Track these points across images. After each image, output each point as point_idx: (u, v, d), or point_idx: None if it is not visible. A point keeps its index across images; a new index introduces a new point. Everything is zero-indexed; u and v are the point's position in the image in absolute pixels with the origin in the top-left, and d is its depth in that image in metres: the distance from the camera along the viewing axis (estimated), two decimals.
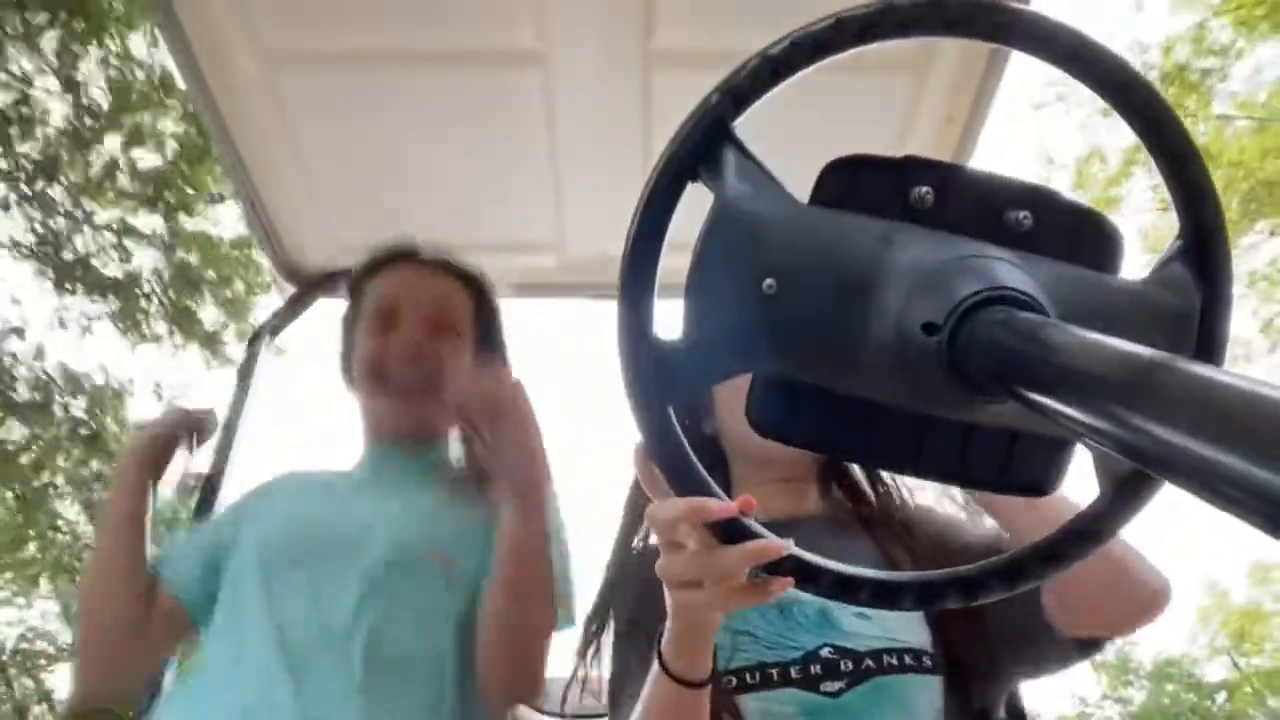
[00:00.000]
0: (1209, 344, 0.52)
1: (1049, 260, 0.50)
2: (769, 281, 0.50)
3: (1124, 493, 0.54)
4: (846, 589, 0.57)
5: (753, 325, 0.50)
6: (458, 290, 1.35)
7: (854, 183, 0.51)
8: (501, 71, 1.52)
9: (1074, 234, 0.51)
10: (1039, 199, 0.51)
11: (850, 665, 1.01)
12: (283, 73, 1.51)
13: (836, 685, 1.00)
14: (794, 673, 1.01)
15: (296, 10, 1.43)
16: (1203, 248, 0.53)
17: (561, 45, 1.46)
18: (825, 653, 1.02)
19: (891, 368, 0.47)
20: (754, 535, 0.59)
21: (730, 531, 0.59)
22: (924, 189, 0.50)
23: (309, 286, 1.89)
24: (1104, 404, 0.32)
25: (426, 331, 1.29)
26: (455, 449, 1.35)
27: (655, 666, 0.81)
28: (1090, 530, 0.55)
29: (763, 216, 0.51)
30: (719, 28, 1.40)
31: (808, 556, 0.58)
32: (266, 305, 7.58)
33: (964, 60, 1.47)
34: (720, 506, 0.58)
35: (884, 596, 0.58)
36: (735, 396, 0.61)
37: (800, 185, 0.53)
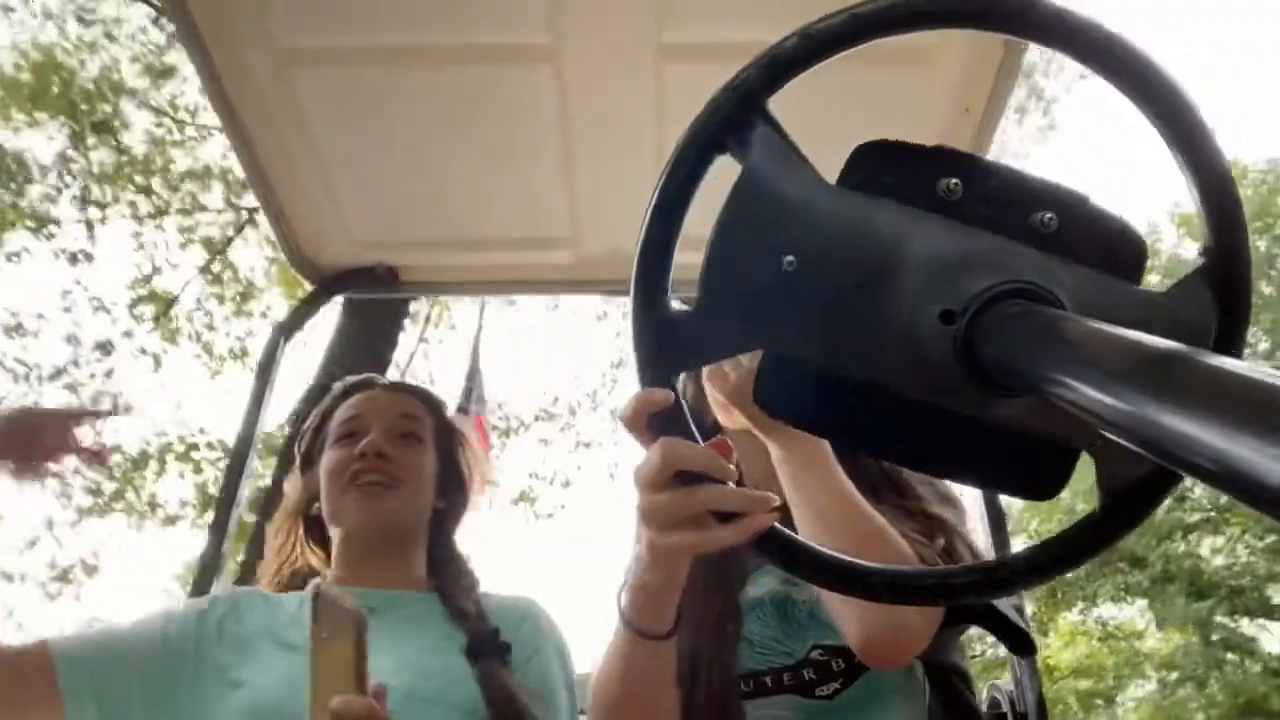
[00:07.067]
0: None
1: (1072, 263, 0.49)
2: (789, 258, 0.49)
3: (1125, 502, 0.54)
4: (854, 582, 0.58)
5: (769, 301, 0.50)
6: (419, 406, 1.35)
7: (883, 168, 0.51)
8: (514, 67, 1.52)
9: (1098, 240, 0.51)
10: (1067, 202, 0.51)
11: (842, 664, 1.00)
12: (297, 70, 1.52)
13: (831, 687, 1.00)
14: (787, 679, 1.01)
15: (311, 8, 1.43)
16: (1225, 270, 0.52)
17: (574, 40, 1.45)
18: (816, 655, 1.02)
19: (906, 355, 0.47)
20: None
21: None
22: (953, 180, 0.50)
23: (326, 283, 1.90)
24: (1119, 396, 0.32)
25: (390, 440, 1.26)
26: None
27: (618, 624, 0.79)
28: (1092, 538, 0.55)
29: (789, 193, 0.50)
30: (731, 21, 1.39)
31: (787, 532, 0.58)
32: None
33: (981, 51, 1.46)
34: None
35: (899, 592, 0.58)
36: None
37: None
